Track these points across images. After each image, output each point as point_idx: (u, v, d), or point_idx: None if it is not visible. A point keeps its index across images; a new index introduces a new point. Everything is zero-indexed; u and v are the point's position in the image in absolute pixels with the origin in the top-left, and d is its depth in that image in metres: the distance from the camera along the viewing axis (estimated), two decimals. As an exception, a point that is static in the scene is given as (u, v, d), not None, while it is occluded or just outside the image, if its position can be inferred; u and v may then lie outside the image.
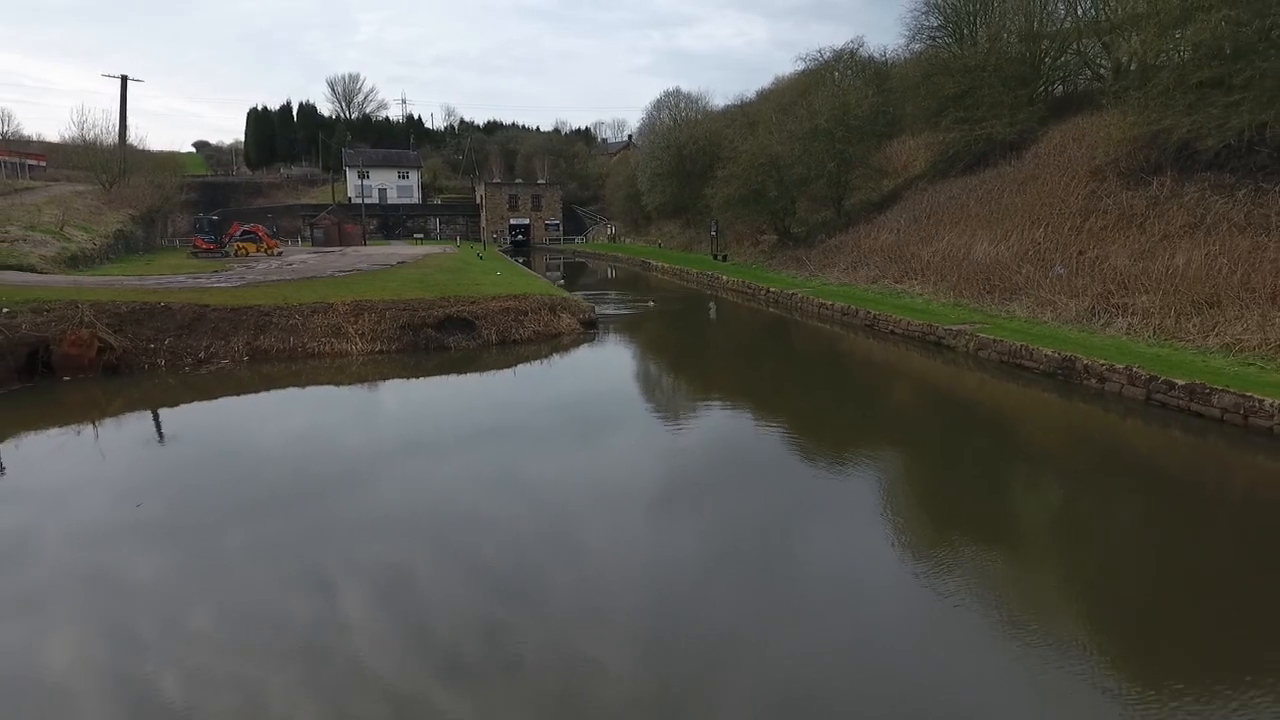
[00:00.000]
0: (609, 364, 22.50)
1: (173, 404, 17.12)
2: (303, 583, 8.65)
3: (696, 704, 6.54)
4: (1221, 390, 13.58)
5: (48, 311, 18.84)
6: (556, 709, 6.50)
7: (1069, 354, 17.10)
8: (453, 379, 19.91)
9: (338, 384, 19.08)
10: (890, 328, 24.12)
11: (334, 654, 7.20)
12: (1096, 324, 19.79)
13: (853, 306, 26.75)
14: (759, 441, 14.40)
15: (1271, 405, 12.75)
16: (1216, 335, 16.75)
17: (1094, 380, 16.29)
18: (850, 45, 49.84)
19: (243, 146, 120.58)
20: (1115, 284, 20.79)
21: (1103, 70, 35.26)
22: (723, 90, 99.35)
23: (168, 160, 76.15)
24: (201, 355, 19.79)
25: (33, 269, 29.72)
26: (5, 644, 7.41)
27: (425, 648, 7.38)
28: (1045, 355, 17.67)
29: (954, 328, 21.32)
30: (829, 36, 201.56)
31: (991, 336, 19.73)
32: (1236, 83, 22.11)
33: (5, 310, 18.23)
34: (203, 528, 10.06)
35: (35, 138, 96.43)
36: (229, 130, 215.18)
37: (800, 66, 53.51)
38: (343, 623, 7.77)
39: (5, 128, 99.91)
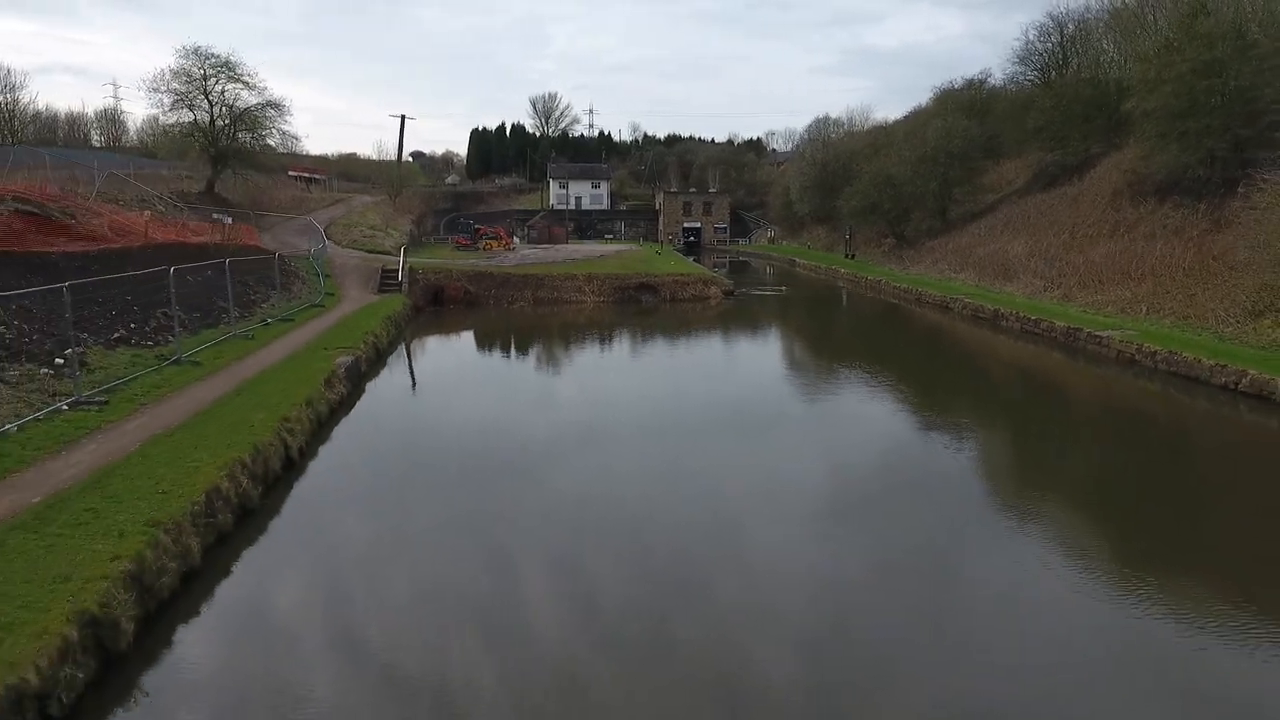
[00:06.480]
0: (737, 311, 36.54)
1: (504, 320, 33.18)
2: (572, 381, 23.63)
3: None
4: (1047, 320, 25.65)
5: (437, 273, 35.94)
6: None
7: (998, 308, 29.33)
8: (646, 315, 34.88)
9: (583, 316, 34.55)
10: (925, 299, 36.43)
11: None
12: (1044, 295, 31.31)
13: (909, 287, 39.08)
14: (809, 348, 27.99)
15: (1059, 326, 24.78)
16: (1095, 298, 28.17)
17: (1004, 321, 28.57)
18: (979, 76, 60.40)
19: (454, 158, 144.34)
20: (1066, 271, 31.98)
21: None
22: (906, 88, 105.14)
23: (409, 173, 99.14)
24: (511, 299, 36.15)
25: (388, 253, 48.32)
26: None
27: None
28: (986, 309, 29.95)
29: (956, 297, 33.49)
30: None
31: (972, 300, 31.87)
32: (1180, 133, 32.40)
33: (420, 271, 35.42)
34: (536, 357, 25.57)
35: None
36: (438, 141, 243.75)
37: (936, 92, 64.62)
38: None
39: (293, 147, 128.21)
